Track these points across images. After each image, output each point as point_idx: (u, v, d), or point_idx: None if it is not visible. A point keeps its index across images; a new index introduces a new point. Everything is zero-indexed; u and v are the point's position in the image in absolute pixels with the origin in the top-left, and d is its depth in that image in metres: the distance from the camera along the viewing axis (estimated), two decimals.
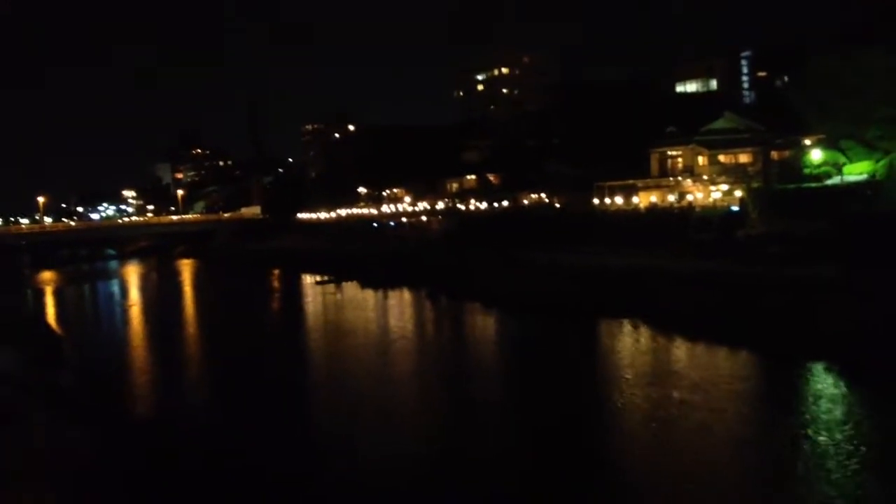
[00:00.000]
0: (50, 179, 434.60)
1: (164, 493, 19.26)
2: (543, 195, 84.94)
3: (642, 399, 25.95)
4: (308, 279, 78.43)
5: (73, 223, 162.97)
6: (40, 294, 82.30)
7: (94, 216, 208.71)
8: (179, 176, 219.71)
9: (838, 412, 23.36)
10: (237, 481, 19.93)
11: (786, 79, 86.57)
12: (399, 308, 54.88)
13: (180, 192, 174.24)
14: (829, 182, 51.42)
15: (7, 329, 44.78)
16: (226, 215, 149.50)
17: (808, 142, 56.82)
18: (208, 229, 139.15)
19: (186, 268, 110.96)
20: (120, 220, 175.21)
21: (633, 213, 65.81)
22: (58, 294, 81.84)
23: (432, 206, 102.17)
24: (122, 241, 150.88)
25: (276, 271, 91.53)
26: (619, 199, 69.30)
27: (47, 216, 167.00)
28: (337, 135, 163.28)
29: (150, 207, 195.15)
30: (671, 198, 66.41)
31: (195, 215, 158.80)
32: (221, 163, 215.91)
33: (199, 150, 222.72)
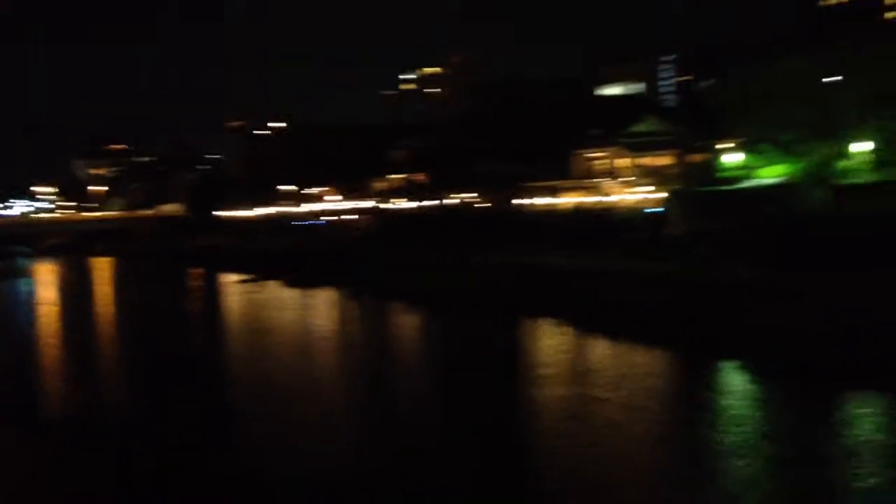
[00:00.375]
0: None
1: (76, 491, 18.62)
2: (471, 195, 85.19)
3: (559, 397, 25.96)
4: (230, 278, 77.10)
5: None
6: None
7: (7, 212, 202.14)
8: (99, 172, 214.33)
9: (748, 409, 23.72)
10: (150, 479, 19.31)
11: (707, 83, 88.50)
12: (322, 307, 54.22)
13: (99, 189, 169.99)
14: (746, 184, 52.56)
15: None
16: (145, 213, 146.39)
17: (726, 145, 58.02)
18: (128, 227, 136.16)
19: (104, 266, 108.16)
20: (35, 217, 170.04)
21: (558, 214, 66.35)
22: None
23: (359, 204, 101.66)
24: (37, 238, 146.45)
25: (198, 270, 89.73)
26: (544, 199, 69.80)
27: None
28: (262, 132, 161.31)
29: (68, 204, 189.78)
30: (595, 198, 67.15)
31: (113, 212, 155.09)
32: (142, 159, 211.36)
33: (120, 146, 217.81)
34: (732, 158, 54.52)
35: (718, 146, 58.56)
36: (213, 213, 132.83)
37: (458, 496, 17.93)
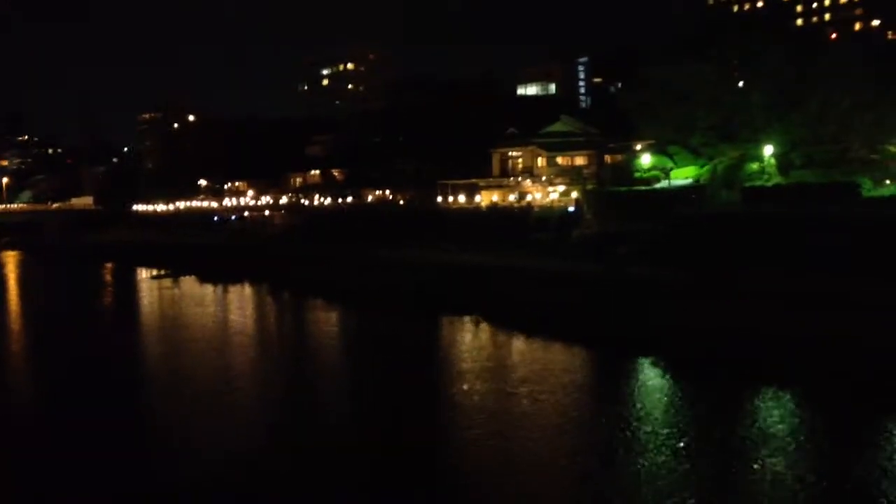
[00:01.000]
0: None
1: None
2: (388, 192, 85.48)
3: (474, 392, 26.65)
4: (143, 273, 75.77)
5: None
6: None
7: None
8: (4, 163, 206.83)
9: (659, 402, 24.80)
10: (59, 480, 19.24)
11: (620, 85, 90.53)
12: (239, 303, 53.90)
13: (5, 181, 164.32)
14: (658, 186, 54.12)
15: None
16: (55, 206, 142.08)
17: (639, 146, 59.59)
18: (36, 220, 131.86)
19: (11, 260, 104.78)
20: None
21: (475, 212, 67.15)
22: None
23: (276, 200, 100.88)
24: None
25: (110, 265, 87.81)
26: (462, 198, 70.54)
27: None
28: (176, 125, 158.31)
29: None
30: (512, 197, 68.18)
31: (21, 205, 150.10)
32: (51, 150, 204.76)
33: (26, 137, 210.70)
34: (647, 160, 56.04)
35: (634, 147, 60.10)
36: (127, 207, 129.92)
37: (370, 484, 18.46)
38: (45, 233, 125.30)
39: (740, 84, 53.76)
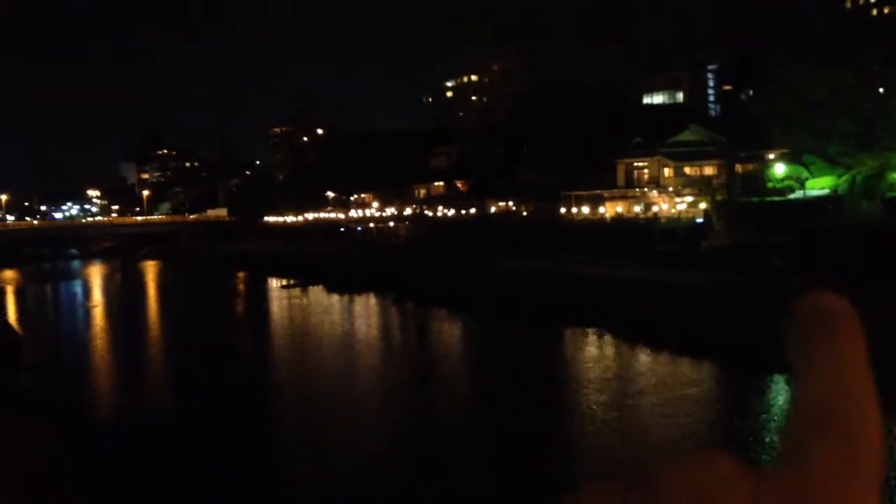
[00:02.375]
0: (13, 177, 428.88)
1: (123, 496, 19.14)
2: (511, 203, 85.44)
3: (601, 405, 26.20)
4: (274, 283, 78.01)
5: (35, 222, 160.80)
6: (1, 293, 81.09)
7: (58, 215, 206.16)
8: (145, 176, 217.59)
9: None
10: (198, 485, 19.84)
11: (750, 92, 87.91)
12: (364, 313, 54.86)
13: (145, 193, 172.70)
14: (792, 196, 52.23)
15: None
16: (191, 217, 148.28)
17: (771, 155, 57.70)
18: (173, 231, 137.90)
19: (151, 269, 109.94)
20: (83, 220, 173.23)
21: (599, 223, 66.35)
22: (19, 294, 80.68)
23: (400, 211, 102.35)
24: (86, 241, 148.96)
25: (242, 274, 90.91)
26: (585, 209, 69.85)
27: (9, 214, 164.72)
28: (305, 138, 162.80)
29: (115, 207, 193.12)
30: (637, 208, 67.08)
31: (160, 216, 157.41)
32: (187, 164, 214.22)
33: (165, 151, 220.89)
34: (780, 169, 54.22)
35: (767, 157, 58.29)
36: (258, 218, 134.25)
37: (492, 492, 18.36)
38: (182, 243, 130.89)
39: (881, 90, 51.38)
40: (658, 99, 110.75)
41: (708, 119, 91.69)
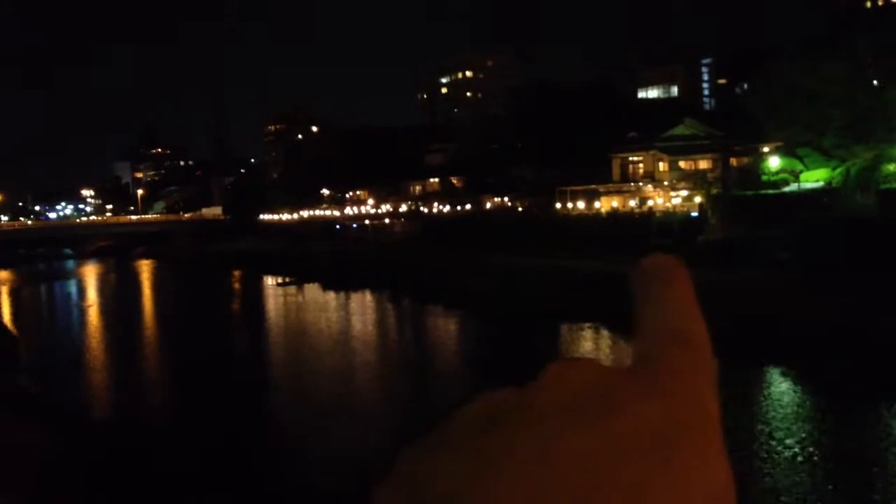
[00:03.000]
0: (6, 178, 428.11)
1: (124, 494, 19.11)
2: (507, 199, 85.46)
3: None
4: (269, 281, 77.99)
5: (29, 222, 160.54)
6: None
7: (52, 215, 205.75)
8: (139, 175, 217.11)
9: (790, 415, 23.83)
10: (198, 481, 19.84)
11: (745, 86, 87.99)
12: (360, 309, 54.85)
13: (140, 192, 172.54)
14: (787, 189, 52.29)
15: None
16: (186, 216, 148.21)
17: (766, 149, 57.75)
18: (168, 230, 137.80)
19: (146, 268, 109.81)
20: (78, 220, 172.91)
21: (595, 218, 66.36)
22: (13, 294, 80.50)
23: (395, 208, 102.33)
24: (80, 241, 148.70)
25: (237, 273, 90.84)
26: (581, 204, 69.87)
27: (3, 215, 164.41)
28: (300, 136, 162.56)
29: (109, 207, 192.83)
30: (632, 203, 67.13)
31: (155, 215, 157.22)
32: (182, 162, 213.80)
33: (160, 150, 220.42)
34: (775, 163, 54.28)
35: (761, 150, 58.33)
36: (253, 216, 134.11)
37: None
38: (177, 242, 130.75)
39: (875, 82, 51.42)
40: (653, 93, 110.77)
41: (703, 113, 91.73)
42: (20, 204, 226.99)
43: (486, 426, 0.44)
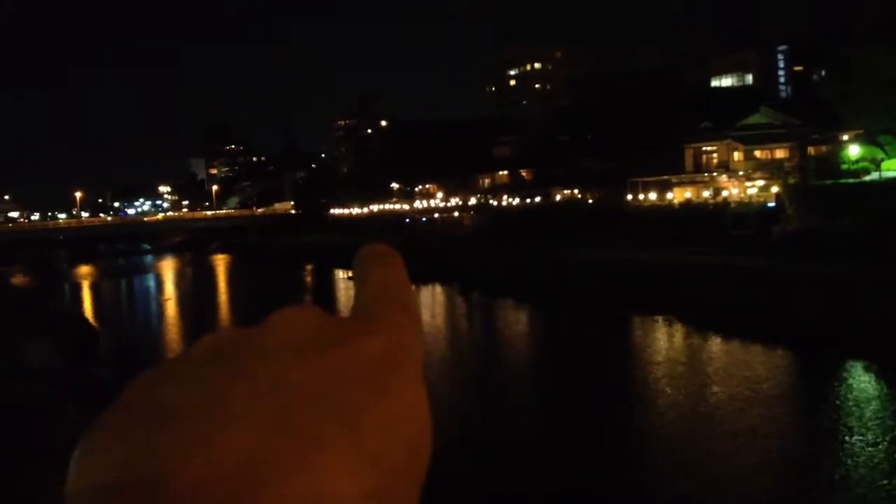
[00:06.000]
0: (87, 175, 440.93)
1: None
2: (576, 191, 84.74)
3: (676, 394, 25.80)
4: (340, 274, 78.72)
5: (109, 218, 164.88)
6: (77, 288, 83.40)
7: (130, 211, 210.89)
8: (213, 171, 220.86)
9: (872, 409, 23.08)
10: None
11: (823, 73, 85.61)
12: (431, 303, 54.98)
13: (214, 188, 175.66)
14: (868, 178, 50.75)
15: (44, 323, 45.40)
16: (258, 211, 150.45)
17: (845, 137, 56.13)
18: (242, 224, 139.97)
19: (221, 263, 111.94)
20: (155, 216, 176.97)
21: (667, 209, 65.35)
22: (94, 288, 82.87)
23: (464, 201, 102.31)
24: (158, 236, 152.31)
25: (309, 266, 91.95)
26: (652, 195, 68.90)
27: (84, 211, 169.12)
28: (369, 130, 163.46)
29: (185, 203, 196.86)
30: (706, 193, 65.92)
31: (229, 211, 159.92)
32: (254, 158, 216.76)
33: (233, 146, 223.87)
34: (854, 151, 52.75)
35: (840, 138, 56.75)
36: (324, 210, 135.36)
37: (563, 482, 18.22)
38: (250, 237, 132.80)
39: None
40: (727, 81, 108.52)
41: (779, 101, 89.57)
42: (100, 201, 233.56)
43: (214, 357, 0.45)
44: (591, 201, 79.27)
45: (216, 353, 0.46)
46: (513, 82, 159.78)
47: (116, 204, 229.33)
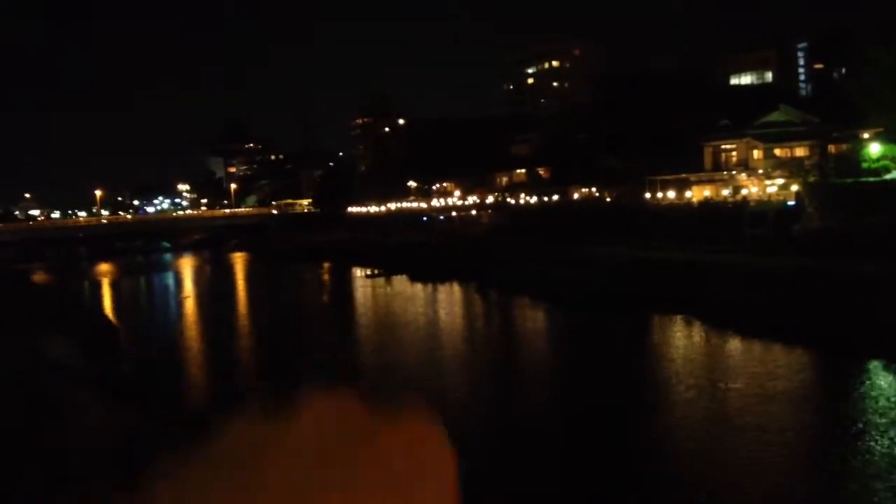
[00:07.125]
0: (106, 174, 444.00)
1: None
2: (594, 189, 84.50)
3: (694, 394, 25.70)
4: (358, 272, 78.85)
5: (128, 216, 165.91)
6: (97, 285, 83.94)
7: (149, 209, 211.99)
8: (232, 169, 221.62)
9: (884, 407, 22.92)
10: None
11: (843, 70, 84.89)
12: (449, 301, 55.00)
13: (233, 186, 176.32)
14: (889, 176, 50.35)
15: (65, 319, 45.69)
16: (277, 209, 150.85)
17: (866, 135, 55.69)
18: (260, 222, 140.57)
19: (239, 261, 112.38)
20: (174, 214, 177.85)
21: (685, 208, 65.06)
22: (114, 285, 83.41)
23: (482, 199, 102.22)
24: (177, 234, 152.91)
25: (327, 264, 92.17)
26: (671, 193, 68.61)
27: (104, 209, 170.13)
28: (386, 128, 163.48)
29: (204, 201, 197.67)
30: (725, 192, 65.57)
31: (247, 209, 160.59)
32: (272, 156, 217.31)
33: (251, 144, 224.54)
34: (875, 149, 52.33)
35: (861, 136, 56.29)
36: (341, 208, 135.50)
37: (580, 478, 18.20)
38: (268, 235, 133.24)
39: None
40: (746, 79, 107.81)
41: (799, 99, 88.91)
42: (119, 199, 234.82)
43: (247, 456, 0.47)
44: (609, 200, 79.04)
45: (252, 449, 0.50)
46: (531, 80, 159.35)
47: (136, 202, 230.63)
